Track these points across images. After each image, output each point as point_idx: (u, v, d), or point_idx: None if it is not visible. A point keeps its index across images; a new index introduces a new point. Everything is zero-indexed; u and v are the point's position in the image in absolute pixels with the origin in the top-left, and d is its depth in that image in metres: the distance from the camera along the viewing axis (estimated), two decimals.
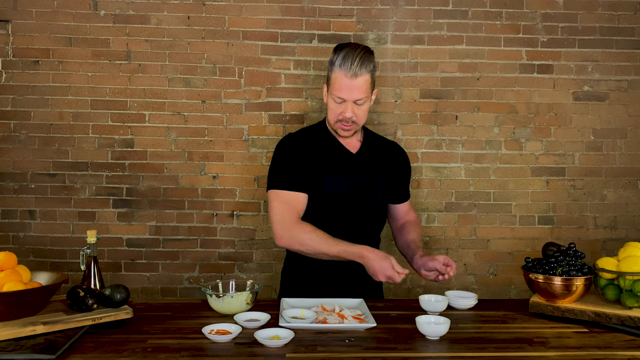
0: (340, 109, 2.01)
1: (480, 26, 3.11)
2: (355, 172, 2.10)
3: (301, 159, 2.07)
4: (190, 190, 3.09)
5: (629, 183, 3.18)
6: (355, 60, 1.94)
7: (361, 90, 1.97)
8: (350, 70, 1.94)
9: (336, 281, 2.08)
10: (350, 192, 2.08)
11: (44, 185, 3.04)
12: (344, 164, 2.10)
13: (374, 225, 2.17)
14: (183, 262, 3.10)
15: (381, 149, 2.21)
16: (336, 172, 2.07)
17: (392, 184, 2.19)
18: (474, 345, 1.56)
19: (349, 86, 1.96)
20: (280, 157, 2.09)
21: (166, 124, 3.07)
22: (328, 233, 1.99)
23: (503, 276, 3.18)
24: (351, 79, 1.95)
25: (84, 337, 1.57)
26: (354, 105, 2.00)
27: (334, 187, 2.06)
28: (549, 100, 3.14)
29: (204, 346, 1.53)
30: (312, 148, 2.10)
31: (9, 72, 3.01)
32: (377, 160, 2.16)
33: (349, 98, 1.98)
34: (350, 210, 2.08)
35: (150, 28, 3.04)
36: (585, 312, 1.75)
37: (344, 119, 2.02)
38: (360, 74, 1.95)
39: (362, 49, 1.99)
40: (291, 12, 3.07)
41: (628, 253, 1.82)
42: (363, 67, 1.96)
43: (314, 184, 2.06)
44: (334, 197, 2.06)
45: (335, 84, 1.98)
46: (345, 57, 1.96)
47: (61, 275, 1.74)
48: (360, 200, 2.09)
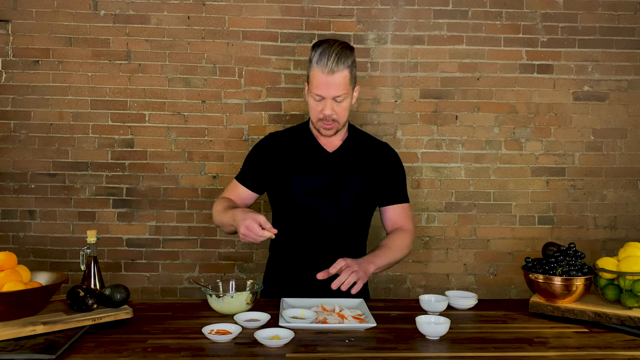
0: (320, 106, 1.98)
1: (480, 26, 3.11)
2: (324, 171, 2.07)
3: (270, 159, 2.12)
4: (190, 190, 3.09)
5: (629, 183, 3.18)
6: (331, 56, 1.91)
7: (339, 87, 1.94)
8: (327, 67, 1.91)
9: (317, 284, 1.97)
10: (317, 191, 2.05)
11: (44, 185, 3.04)
12: (315, 163, 2.08)
13: (350, 225, 2.10)
14: (183, 262, 3.10)
15: (364, 148, 2.14)
16: (304, 171, 2.07)
17: (373, 184, 2.10)
18: (474, 345, 1.56)
19: (326, 83, 1.93)
20: (251, 153, 2.19)
21: (166, 124, 3.07)
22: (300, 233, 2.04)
23: (503, 276, 3.18)
24: (328, 76, 1.92)
25: (84, 337, 1.57)
26: (333, 102, 1.96)
27: (301, 187, 2.05)
28: (549, 100, 3.14)
29: (204, 346, 1.53)
30: (286, 147, 2.12)
31: (9, 72, 3.01)
32: (354, 159, 2.10)
33: (327, 95, 1.95)
34: (319, 210, 2.05)
35: (150, 28, 3.04)
36: (585, 312, 1.75)
37: (324, 117, 1.99)
38: (337, 70, 1.92)
39: (339, 44, 1.95)
40: (291, 12, 3.07)
41: (628, 253, 1.82)
42: (340, 62, 1.92)
43: (283, 184, 2.08)
44: (300, 196, 2.05)
45: (313, 81, 1.96)
46: (322, 54, 1.93)
47: (61, 275, 1.74)
48: (327, 199, 2.05)
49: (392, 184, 2.17)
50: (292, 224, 2.09)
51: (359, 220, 2.14)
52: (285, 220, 2.13)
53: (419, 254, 3.15)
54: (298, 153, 2.11)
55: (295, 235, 2.09)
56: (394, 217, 2.17)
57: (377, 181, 2.12)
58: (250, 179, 2.15)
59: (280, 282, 2.12)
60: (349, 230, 2.11)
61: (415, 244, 3.12)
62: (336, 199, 2.06)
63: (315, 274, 1.99)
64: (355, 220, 2.12)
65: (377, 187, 2.13)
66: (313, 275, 2.00)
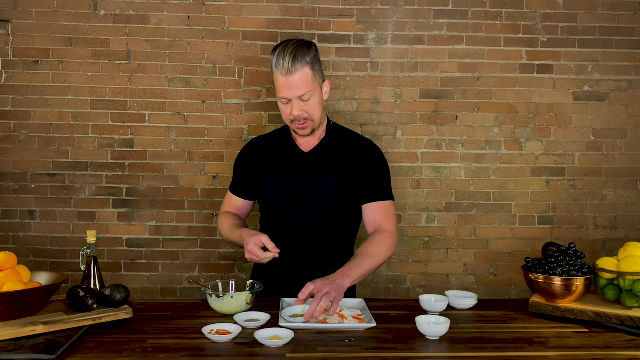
0: (288, 109, 1.97)
1: (480, 26, 3.11)
2: (297, 171, 2.05)
3: (249, 164, 2.17)
4: (190, 190, 3.09)
5: (629, 183, 3.18)
6: (287, 57, 1.89)
7: (301, 86, 1.92)
8: (284, 68, 1.89)
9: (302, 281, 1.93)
10: (290, 192, 2.04)
11: (44, 185, 3.04)
12: (289, 163, 2.08)
13: (328, 226, 2.06)
14: (183, 262, 3.10)
15: (343, 146, 2.09)
16: (278, 172, 2.07)
17: (348, 182, 2.04)
18: (474, 345, 1.56)
19: (287, 84, 1.91)
20: (235, 162, 2.26)
21: (166, 124, 3.07)
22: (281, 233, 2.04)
23: (503, 276, 3.17)
24: (287, 77, 1.90)
25: (84, 337, 1.57)
26: (300, 102, 1.94)
27: (275, 188, 2.07)
28: (549, 100, 3.14)
29: (204, 346, 1.53)
30: (264, 151, 2.15)
31: (9, 72, 3.01)
32: (330, 158, 2.06)
33: (291, 96, 1.93)
34: (293, 211, 2.05)
35: (150, 28, 3.04)
36: (585, 312, 1.75)
37: (295, 118, 1.97)
38: (295, 69, 1.89)
39: (294, 43, 1.93)
40: (291, 12, 3.07)
41: (628, 253, 1.82)
42: (297, 61, 1.89)
43: (258, 186, 2.12)
44: (275, 198, 2.07)
45: (276, 85, 1.96)
46: (278, 56, 1.92)
47: (61, 275, 1.74)
48: (300, 200, 2.04)
49: (372, 180, 2.07)
50: (272, 225, 2.12)
51: (338, 222, 2.08)
52: (267, 221, 2.17)
53: (419, 254, 3.15)
54: (274, 155, 2.12)
55: (276, 236, 1.99)
56: (373, 216, 2.05)
57: (354, 179, 2.06)
58: (240, 188, 2.22)
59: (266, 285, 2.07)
60: (328, 232, 2.07)
61: (415, 244, 3.13)
62: (309, 199, 2.03)
63: (296, 275, 2.00)
64: (334, 221, 2.07)
65: (354, 186, 2.05)
66: (295, 277, 1.99)
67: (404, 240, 3.13)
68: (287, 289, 1.99)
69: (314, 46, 1.98)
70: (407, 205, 3.12)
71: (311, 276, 1.87)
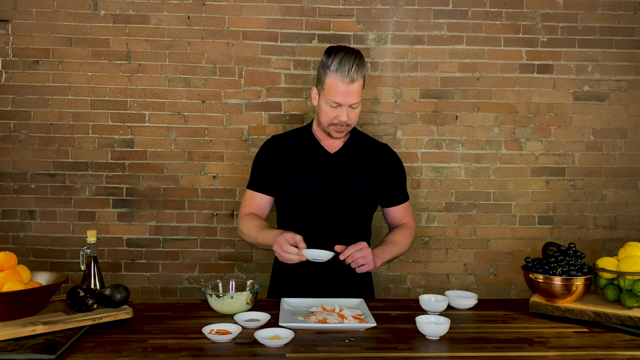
0: (335, 112, 2.01)
1: (480, 26, 3.11)
2: (325, 171, 2.09)
3: (274, 161, 2.15)
4: (190, 190, 3.09)
5: (629, 183, 3.18)
6: (353, 66, 1.94)
7: (357, 95, 1.99)
8: (348, 76, 1.95)
9: (323, 282, 2.08)
10: (318, 190, 2.08)
11: (44, 185, 3.04)
12: (316, 163, 2.11)
13: (351, 225, 2.13)
14: (183, 262, 3.10)
15: (365, 149, 2.19)
16: (306, 171, 2.09)
17: (373, 184, 2.14)
18: (474, 345, 1.56)
19: (345, 91, 1.97)
20: (256, 159, 2.21)
21: (166, 124, 3.07)
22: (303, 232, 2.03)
23: (503, 276, 3.17)
24: (348, 85, 1.96)
25: (84, 337, 1.57)
26: (349, 109, 2.00)
27: (303, 186, 2.08)
28: (549, 100, 3.14)
29: (204, 346, 1.53)
30: (288, 150, 2.15)
31: (9, 72, 3.01)
32: (355, 160, 2.14)
33: (345, 103, 1.99)
34: (321, 209, 2.08)
35: (150, 28, 3.04)
36: (585, 312, 1.75)
37: (339, 123, 2.02)
38: (356, 79, 1.96)
39: (357, 54, 1.98)
40: (291, 12, 3.07)
41: (628, 253, 1.82)
42: (359, 72, 1.96)
43: (285, 184, 2.11)
44: (303, 196, 2.08)
45: (331, 89, 1.98)
46: (341, 62, 1.95)
47: (61, 275, 1.74)
48: (329, 199, 2.08)
49: (394, 185, 2.21)
50: (295, 223, 2.11)
51: (361, 220, 2.17)
52: (289, 219, 2.16)
53: (419, 254, 3.15)
54: (300, 154, 2.13)
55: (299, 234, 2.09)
56: (397, 216, 2.23)
57: (378, 182, 2.16)
58: (263, 184, 2.17)
59: (286, 283, 2.14)
60: (351, 230, 2.13)
61: (415, 244, 3.12)
62: (337, 199, 2.08)
63: (319, 274, 2.06)
64: (357, 219, 2.15)
65: (378, 188, 2.16)
66: (317, 275, 2.07)
67: None
68: (308, 286, 2.05)
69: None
70: None
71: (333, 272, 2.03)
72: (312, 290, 2.04)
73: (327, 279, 2.08)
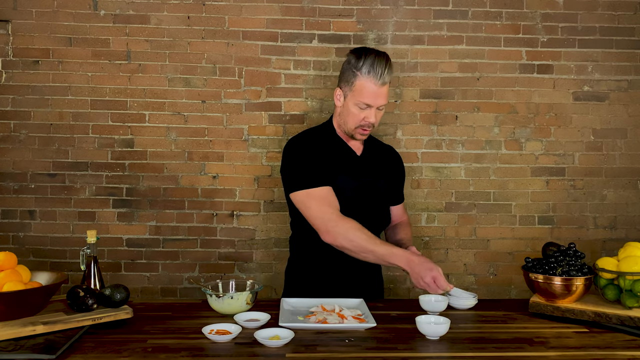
0: (364, 114, 2.03)
1: (480, 26, 3.11)
2: (362, 173, 2.13)
3: (317, 158, 2.06)
4: (190, 190, 3.09)
5: (629, 183, 3.18)
6: (385, 69, 1.98)
7: (386, 97, 2.04)
8: (381, 79, 1.98)
9: (339, 282, 2.10)
10: (360, 193, 2.10)
11: (44, 185, 3.04)
12: (353, 165, 2.13)
13: (380, 226, 2.21)
14: (183, 262, 3.10)
15: (380, 151, 2.26)
16: (348, 173, 2.10)
17: (390, 185, 2.24)
18: (474, 345, 1.56)
19: (377, 94, 2.00)
20: (298, 157, 2.06)
21: (166, 124, 3.07)
22: None
23: (503, 276, 3.17)
24: (380, 87, 1.99)
25: (84, 337, 1.57)
26: (377, 110, 2.04)
27: (347, 188, 2.07)
28: (549, 100, 3.14)
29: (204, 346, 1.53)
30: (323, 149, 2.10)
31: (9, 72, 3.01)
32: (378, 163, 2.21)
33: (375, 104, 2.01)
34: (361, 211, 2.09)
35: (150, 28, 3.04)
36: (585, 312, 1.75)
37: (367, 124, 2.05)
38: (387, 81, 2.00)
39: (387, 56, 2.02)
40: (291, 12, 3.07)
41: (628, 253, 1.82)
42: (389, 74, 2.01)
43: (330, 184, 2.05)
44: (347, 198, 2.06)
45: (363, 91, 1.99)
46: (374, 65, 1.97)
47: (61, 275, 1.74)
48: (368, 201, 2.12)
49: (399, 186, 2.33)
50: None
51: (387, 219, 2.26)
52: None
53: None
54: (335, 155, 2.11)
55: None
56: (399, 214, 2.34)
57: (393, 183, 2.25)
58: (324, 177, 2.02)
59: (303, 281, 2.15)
60: (381, 230, 2.22)
61: (415, 244, 3.13)
62: (374, 200, 2.14)
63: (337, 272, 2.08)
64: (386, 219, 2.24)
65: (393, 189, 2.27)
66: (335, 274, 2.09)
67: None
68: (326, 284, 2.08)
69: None
70: (407, 205, 3.11)
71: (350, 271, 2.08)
72: (328, 288, 2.06)
73: (342, 277, 2.09)
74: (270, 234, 3.10)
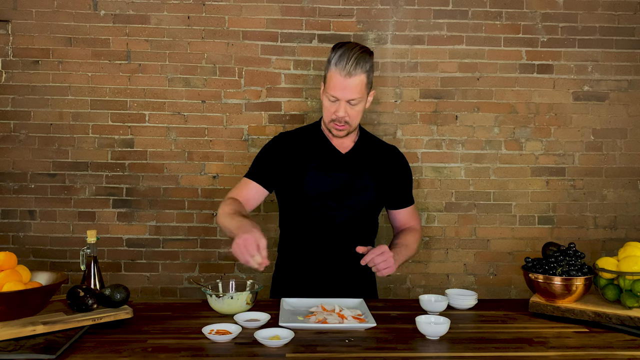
0: (334, 107, 1.99)
1: (480, 26, 3.11)
2: (338, 171, 2.07)
3: (284, 157, 2.10)
4: (190, 190, 3.09)
5: (629, 183, 3.18)
6: (350, 59, 1.92)
7: (355, 91, 1.95)
8: (345, 70, 1.92)
9: (327, 284, 2.07)
10: (331, 191, 2.05)
11: (44, 185, 3.04)
12: (329, 163, 2.08)
13: (360, 226, 2.11)
14: (183, 262, 3.10)
15: (375, 151, 2.16)
16: (319, 170, 2.06)
17: (384, 187, 2.13)
18: (474, 345, 1.56)
19: (342, 85, 1.94)
20: (263, 151, 2.16)
21: (166, 124, 3.07)
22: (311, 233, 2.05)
23: (503, 276, 3.18)
24: (345, 78, 1.93)
25: (84, 337, 1.57)
26: (347, 105, 1.97)
27: (315, 186, 2.05)
28: (549, 100, 3.14)
29: (204, 346, 1.53)
30: (300, 147, 2.11)
31: (9, 72, 3.01)
32: (367, 162, 2.12)
33: (342, 97, 1.96)
34: (331, 210, 2.06)
35: (150, 28, 3.04)
36: (585, 312, 1.75)
37: (337, 119, 1.99)
38: (354, 73, 1.93)
39: (359, 48, 1.96)
40: (291, 12, 3.07)
41: (628, 253, 1.82)
42: (358, 67, 1.93)
43: (296, 183, 2.07)
44: (314, 196, 2.05)
45: (330, 83, 1.96)
46: (341, 56, 1.93)
47: (61, 275, 1.74)
48: (341, 200, 2.06)
49: (402, 188, 2.20)
50: (303, 223, 2.10)
51: (370, 221, 2.16)
52: (295, 219, 2.13)
53: (419, 254, 3.15)
54: (312, 153, 2.10)
55: (306, 234, 2.09)
56: (404, 220, 2.22)
57: (388, 184, 2.15)
58: (262, 176, 2.11)
59: (289, 282, 2.13)
60: (360, 231, 2.12)
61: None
62: (349, 199, 2.07)
63: (324, 273, 2.06)
64: (367, 221, 2.14)
65: (387, 190, 2.15)
66: (322, 274, 2.07)
67: None
68: (312, 286, 2.04)
69: (373, 55, 2.02)
70: None
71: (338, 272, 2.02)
72: (316, 290, 2.03)
73: (330, 278, 2.07)
74: (270, 234, 3.09)
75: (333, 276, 2.07)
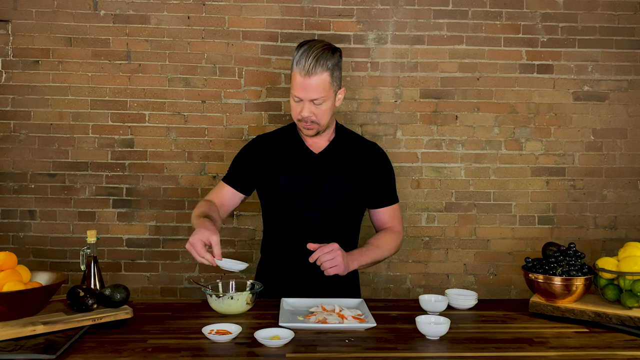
0: (299, 107, 1.96)
1: (480, 26, 3.11)
2: (310, 171, 2.04)
3: (258, 160, 2.10)
4: (190, 190, 3.09)
5: (629, 183, 3.18)
6: (309, 58, 1.88)
7: (317, 90, 1.91)
8: (304, 69, 1.88)
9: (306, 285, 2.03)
10: (302, 192, 2.03)
11: (44, 185, 3.04)
12: (301, 163, 2.06)
13: (336, 227, 2.06)
14: (183, 262, 3.10)
15: (352, 149, 2.11)
16: (291, 171, 2.04)
17: (360, 185, 2.07)
18: (474, 345, 1.56)
19: (303, 85, 1.91)
20: (239, 155, 2.18)
21: (166, 124, 3.07)
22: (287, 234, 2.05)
23: (503, 276, 3.18)
24: (305, 78, 1.89)
25: (84, 337, 1.57)
26: (312, 104, 1.94)
27: (287, 187, 2.03)
28: (549, 100, 3.14)
29: (204, 346, 1.53)
30: (274, 148, 2.11)
31: (9, 72, 3.01)
32: (340, 160, 2.07)
33: (305, 97, 1.93)
34: (304, 210, 2.03)
35: (150, 28, 3.04)
36: (585, 312, 1.75)
37: (303, 119, 1.97)
38: (314, 72, 1.88)
39: (321, 46, 1.91)
40: (291, 12, 3.07)
41: (628, 253, 1.82)
42: (318, 65, 1.88)
43: (270, 185, 2.07)
44: (286, 197, 2.04)
45: (293, 83, 1.94)
46: (301, 55, 1.90)
47: (61, 275, 1.74)
48: (312, 200, 2.03)
49: (381, 186, 2.13)
50: (279, 224, 2.10)
51: (346, 222, 2.11)
52: (273, 220, 2.14)
53: (419, 254, 3.15)
54: (285, 154, 2.09)
55: (283, 236, 2.09)
56: (383, 219, 2.15)
57: (364, 182, 2.09)
58: (236, 180, 2.13)
59: (270, 283, 2.09)
60: (336, 232, 2.07)
61: (415, 244, 3.13)
62: (321, 200, 2.03)
63: (304, 275, 2.02)
64: (342, 221, 2.08)
65: (364, 189, 2.09)
66: (301, 276, 2.04)
67: (404, 240, 3.12)
68: (292, 287, 2.02)
69: (338, 52, 1.97)
70: (407, 205, 3.12)
71: (316, 274, 1.93)
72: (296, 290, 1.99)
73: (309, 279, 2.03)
74: None
75: (312, 277, 2.00)
